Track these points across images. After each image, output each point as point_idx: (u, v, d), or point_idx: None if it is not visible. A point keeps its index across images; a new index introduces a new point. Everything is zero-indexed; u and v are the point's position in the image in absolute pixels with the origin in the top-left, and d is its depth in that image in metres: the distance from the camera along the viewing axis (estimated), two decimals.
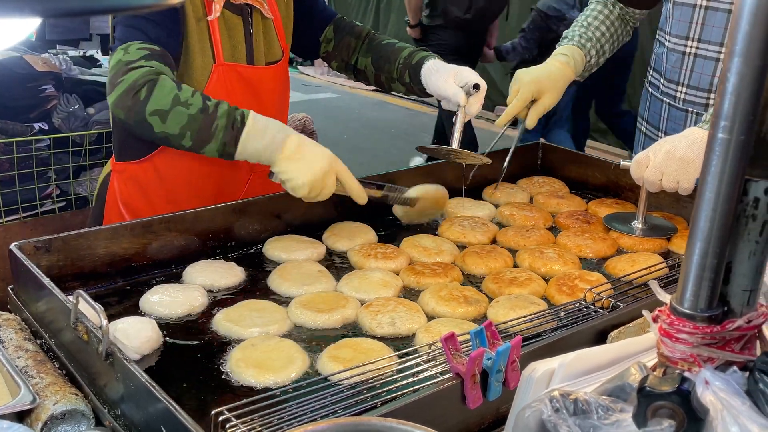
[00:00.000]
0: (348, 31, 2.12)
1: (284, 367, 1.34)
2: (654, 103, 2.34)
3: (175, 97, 1.61)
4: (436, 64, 1.94)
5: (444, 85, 1.89)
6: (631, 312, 1.38)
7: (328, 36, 2.12)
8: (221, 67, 1.83)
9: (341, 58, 2.15)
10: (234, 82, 1.86)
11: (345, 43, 2.12)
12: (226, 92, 1.84)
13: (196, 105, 1.61)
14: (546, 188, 2.29)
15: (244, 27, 1.88)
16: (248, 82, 1.89)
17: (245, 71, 1.88)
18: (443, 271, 1.71)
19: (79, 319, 1.27)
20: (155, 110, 1.61)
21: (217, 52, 1.82)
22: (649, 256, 1.77)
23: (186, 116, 1.61)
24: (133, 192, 1.95)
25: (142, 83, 1.62)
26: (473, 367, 1.13)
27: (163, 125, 1.62)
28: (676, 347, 0.76)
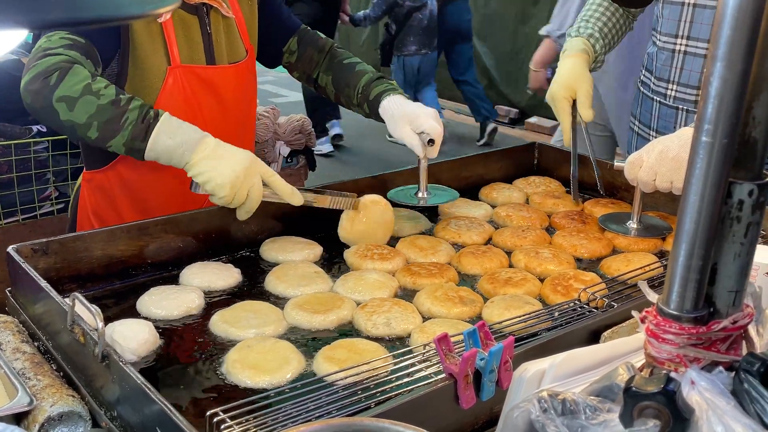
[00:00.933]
0: (311, 44, 2.11)
1: (280, 368, 1.34)
2: (645, 102, 2.35)
3: (86, 86, 1.57)
4: (391, 106, 1.92)
5: (401, 133, 1.88)
6: (624, 312, 1.39)
7: (292, 47, 2.10)
8: (177, 69, 1.80)
9: (303, 70, 2.14)
10: (193, 83, 1.83)
11: (307, 56, 2.11)
12: (183, 94, 1.81)
13: (107, 96, 1.57)
14: (542, 188, 2.29)
15: (201, 26, 1.84)
16: (208, 83, 1.86)
17: (204, 72, 1.85)
18: (439, 271, 1.71)
19: (75, 322, 1.28)
20: (63, 96, 1.56)
21: (172, 54, 1.79)
22: (644, 256, 1.78)
23: (95, 106, 1.56)
24: (101, 201, 1.93)
25: (53, 69, 1.58)
26: (466, 367, 1.13)
27: (69, 113, 1.57)
28: (662, 348, 0.77)
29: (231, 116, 1.93)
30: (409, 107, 1.90)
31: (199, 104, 1.85)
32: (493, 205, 2.19)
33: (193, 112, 1.84)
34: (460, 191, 2.24)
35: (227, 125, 1.92)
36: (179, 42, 1.80)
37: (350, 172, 6.05)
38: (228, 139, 1.90)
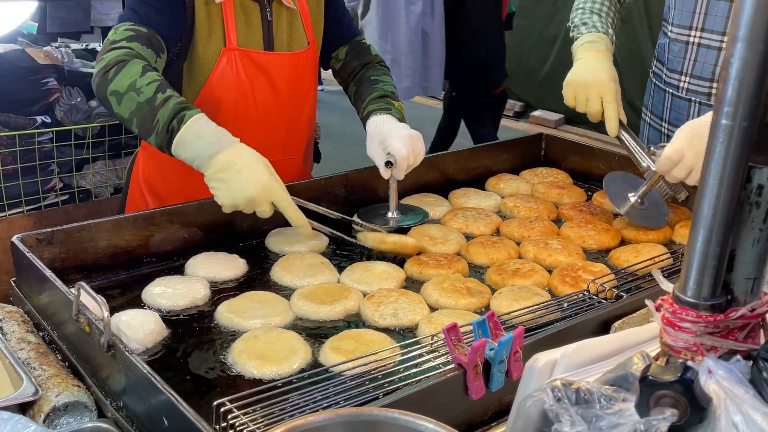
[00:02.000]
0: (358, 57, 2.12)
1: (286, 359, 1.33)
2: (657, 94, 2.33)
3: (132, 82, 1.61)
4: (372, 125, 1.91)
5: (371, 153, 1.87)
6: (634, 302, 1.38)
7: (340, 55, 2.12)
8: (232, 52, 1.83)
9: (342, 79, 2.15)
10: (247, 67, 1.85)
11: (350, 68, 2.12)
12: (236, 77, 1.84)
13: (146, 94, 1.60)
14: (549, 179, 2.28)
15: (262, 13, 1.87)
16: (263, 68, 1.88)
17: (259, 57, 1.87)
18: (447, 262, 1.70)
19: (81, 311, 1.27)
20: (113, 91, 1.62)
21: (228, 36, 1.82)
22: (653, 247, 1.76)
23: (135, 103, 1.60)
24: (154, 170, 1.97)
25: (113, 63, 1.64)
26: (475, 357, 1.12)
27: (118, 107, 1.63)
28: (678, 336, 0.76)
29: (284, 103, 1.95)
30: (386, 128, 1.86)
31: (252, 88, 1.87)
32: (500, 196, 2.17)
33: (244, 96, 1.86)
34: (467, 183, 2.23)
35: (279, 112, 1.95)
36: (238, 26, 1.83)
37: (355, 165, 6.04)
38: (280, 125, 1.97)
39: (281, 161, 1.95)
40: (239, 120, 1.87)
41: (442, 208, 2.05)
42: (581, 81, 1.98)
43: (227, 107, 1.85)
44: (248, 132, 1.79)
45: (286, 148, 2.03)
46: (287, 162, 2.02)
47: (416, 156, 1.83)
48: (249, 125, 1.88)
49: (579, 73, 1.99)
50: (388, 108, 1.94)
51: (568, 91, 2.01)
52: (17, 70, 2.56)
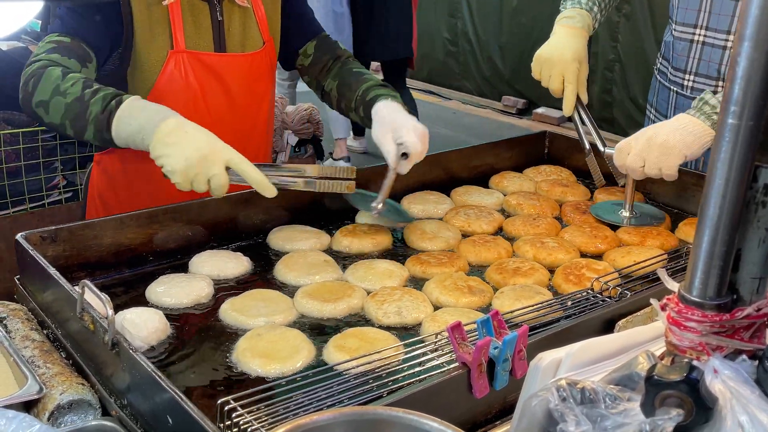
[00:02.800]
0: (328, 51, 2.06)
1: (290, 357, 1.33)
2: (662, 91, 2.33)
3: (55, 88, 1.57)
4: (383, 109, 1.84)
5: (382, 138, 1.80)
6: (639, 301, 1.38)
7: (308, 51, 2.05)
8: (180, 54, 1.77)
9: (314, 75, 2.07)
10: (196, 70, 1.80)
11: (322, 62, 2.05)
12: (184, 80, 1.79)
13: (73, 94, 1.56)
14: (553, 177, 2.27)
15: (211, 13, 1.81)
16: (213, 70, 1.83)
17: (209, 59, 1.82)
18: (449, 260, 1.70)
19: (85, 309, 1.27)
20: (39, 102, 1.60)
21: (176, 38, 1.76)
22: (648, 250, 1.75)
23: (63, 105, 1.57)
24: (105, 184, 1.93)
25: (30, 76, 1.62)
26: (480, 356, 1.12)
27: (47, 116, 1.60)
28: (684, 336, 0.76)
29: (239, 106, 1.90)
30: (400, 117, 1.80)
31: (203, 92, 1.82)
32: (503, 193, 2.17)
33: (194, 100, 1.81)
34: (470, 180, 2.23)
35: (234, 115, 1.89)
36: (186, 27, 1.78)
37: (357, 162, 6.04)
38: (235, 129, 1.89)
39: None
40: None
41: (445, 206, 2.05)
42: (547, 57, 2.02)
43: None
44: None
45: (245, 152, 1.90)
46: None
47: (422, 154, 1.81)
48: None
49: (546, 49, 2.04)
50: (394, 95, 1.89)
51: (535, 66, 2.06)
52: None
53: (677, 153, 1.77)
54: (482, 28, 8.05)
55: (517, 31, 7.66)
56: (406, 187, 2.10)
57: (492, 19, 7.92)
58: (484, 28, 8.03)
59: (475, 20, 8.12)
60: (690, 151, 1.78)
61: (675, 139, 1.77)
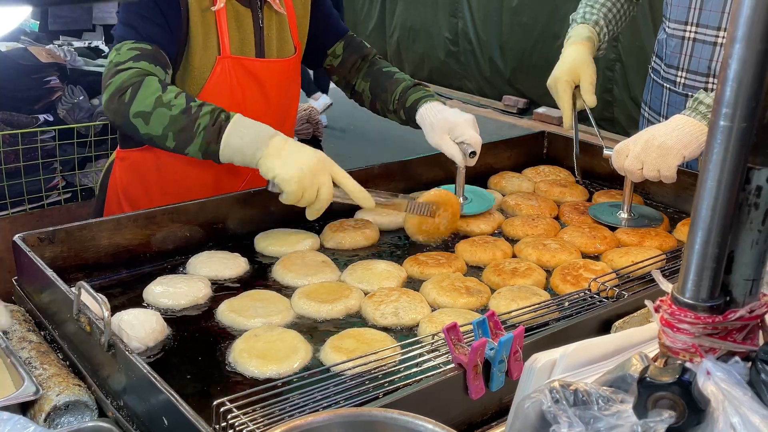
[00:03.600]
0: (356, 51, 2.11)
1: (287, 358, 1.33)
2: (656, 89, 2.34)
3: (157, 99, 1.61)
4: (429, 113, 1.91)
5: (440, 142, 1.88)
6: (636, 301, 1.37)
7: (337, 51, 2.10)
8: (226, 60, 1.81)
9: (343, 75, 2.13)
10: (240, 75, 1.84)
11: (350, 62, 2.11)
12: (229, 85, 1.82)
13: (178, 106, 1.60)
14: (551, 177, 2.27)
15: (254, 20, 1.86)
16: (254, 76, 1.87)
17: (252, 64, 1.86)
18: (447, 261, 1.70)
19: (81, 311, 1.27)
20: (138, 112, 1.62)
21: (223, 44, 1.80)
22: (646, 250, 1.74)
23: (168, 117, 1.60)
24: (133, 180, 1.95)
25: (127, 85, 1.63)
26: (475, 357, 1.12)
27: (146, 127, 1.62)
28: (677, 337, 0.76)
29: (273, 110, 1.94)
30: (448, 114, 1.88)
31: (244, 96, 1.86)
32: (502, 194, 2.17)
33: (237, 104, 1.84)
34: (468, 181, 2.22)
35: (269, 119, 1.88)
36: (231, 33, 1.81)
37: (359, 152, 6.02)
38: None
39: None
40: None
41: None
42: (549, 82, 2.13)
43: None
44: None
45: None
46: None
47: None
48: None
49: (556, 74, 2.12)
50: (431, 95, 1.97)
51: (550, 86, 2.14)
52: (20, 69, 2.57)
53: (675, 153, 1.77)
54: (483, 28, 8.04)
55: (517, 31, 7.65)
56: (404, 188, 2.10)
57: (493, 19, 7.91)
58: (484, 27, 8.02)
59: (475, 20, 8.11)
60: (688, 151, 1.78)
61: (672, 139, 1.78)
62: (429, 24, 8.70)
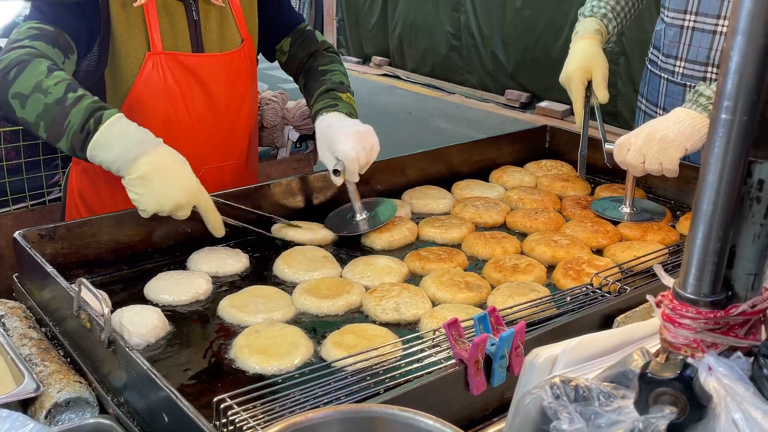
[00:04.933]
0: (303, 47, 2.02)
1: (288, 354, 1.33)
2: (653, 80, 2.33)
3: (38, 83, 1.51)
4: (321, 125, 1.82)
5: (323, 158, 1.80)
6: (638, 296, 1.37)
7: (284, 48, 2.03)
8: (157, 56, 1.74)
9: (291, 72, 2.07)
10: (175, 71, 1.76)
11: (296, 60, 2.03)
12: (163, 82, 1.75)
13: (54, 94, 1.50)
14: (554, 172, 2.26)
15: (187, 13, 1.77)
16: (192, 72, 1.79)
17: (188, 59, 1.78)
18: (448, 256, 1.69)
19: (81, 307, 1.27)
20: (16, 93, 1.53)
21: (153, 40, 1.72)
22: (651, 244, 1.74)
23: (42, 104, 1.51)
24: (86, 184, 1.90)
25: (15, 63, 1.54)
26: (476, 353, 1.12)
27: (22, 110, 1.53)
28: (678, 333, 0.75)
29: (220, 106, 1.86)
30: (332, 130, 1.78)
31: (182, 93, 1.79)
32: (504, 188, 2.16)
33: (174, 101, 1.78)
34: (471, 175, 2.22)
35: (215, 115, 1.87)
36: (162, 28, 1.74)
37: None
38: (217, 130, 1.87)
39: (222, 167, 1.90)
40: (170, 127, 1.77)
41: (446, 200, 2.05)
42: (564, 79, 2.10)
43: (156, 114, 1.76)
44: (182, 139, 1.72)
45: (226, 153, 1.93)
46: (229, 168, 1.94)
47: (368, 153, 1.76)
48: (181, 132, 1.80)
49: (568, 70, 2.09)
50: (335, 104, 1.85)
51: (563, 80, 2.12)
52: None
53: (677, 146, 1.76)
54: (485, 22, 8.02)
55: (520, 25, 7.63)
56: (406, 183, 2.10)
57: (495, 13, 7.89)
58: (487, 22, 8.00)
59: (478, 14, 8.09)
60: (690, 144, 1.77)
61: (674, 132, 1.77)
62: (431, 19, 8.67)
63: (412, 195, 2.05)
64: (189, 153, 1.59)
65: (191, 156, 1.61)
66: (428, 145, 1.94)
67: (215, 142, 1.89)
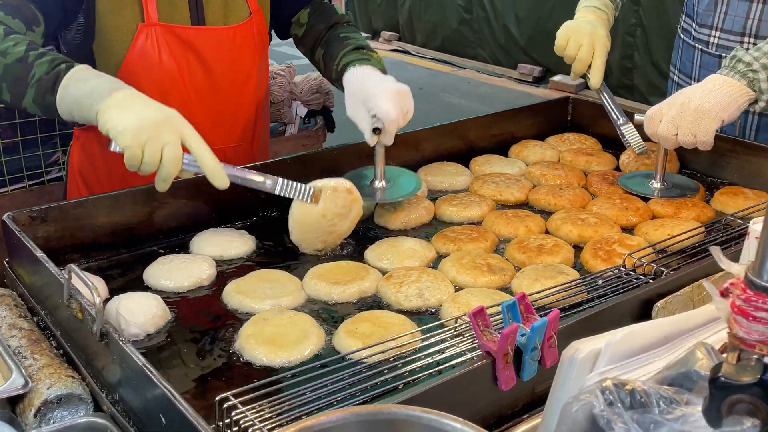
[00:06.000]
0: (322, 19, 1.86)
1: (298, 344, 1.23)
2: (686, 51, 2.20)
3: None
4: (352, 78, 1.64)
5: (354, 114, 1.61)
6: (677, 279, 1.25)
7: (302, 20, 1.86)
8: (151, 28, 1.61)
9: (307, 46, 1.89)
10: (171, 45, 1.64)
11: (315, 32, 1.87)
12: (157, 57, 1.63)
13: (14, 54, 1.41)
14: (577, 146, 2.14)
15: None
16: (191, 46, 1.66)
17: (185, 32, 1.64)
18: (479, 235, 1.58)
19: (72, 296, 1.17)
20: None
21: (146, 10, 1.60)
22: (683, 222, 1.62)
23: (2, 66, 1.41)
24: (84, 160, 1.80)
25: None
26: (506, 344, 1.01)
27: None
28: (753, 327, 0.64)
29: (222, 84, 1.74)
30: (369, 82, 1.60)
31: (180, 70, 1.67)
32: (525, 163, 2.05)
33: (171, 78, 1.66)
34: (489, 150, 2.10)
35: (217, 94, 1.74)
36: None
37: None
38: (218, 110, 1.75)
39: (223, 150, 1.75)
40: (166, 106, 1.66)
41: (464, 177, 1.93)
42: (576, 27, 1.97)
43: (150, 92, 1.60)
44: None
45: (229, 134, 1.80)
46: (231, 150, 1.80)
47: (405, 116, 1.61)
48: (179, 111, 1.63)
49: (574, 22, 1.99)
50: (367, 58, 1.70)
51: (562, 33, 1.98)
52: None
53: (714, 117, 1.64)
54: None
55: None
56: (421, 158, 1.99)
57: None
58: None
59: None
60: (727, 114, 1.65)
61: (710, 102, 1.64)
62: None
63: (427, 172, 1.94)
64: None
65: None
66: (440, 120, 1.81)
67: (217, 122, 1.78)
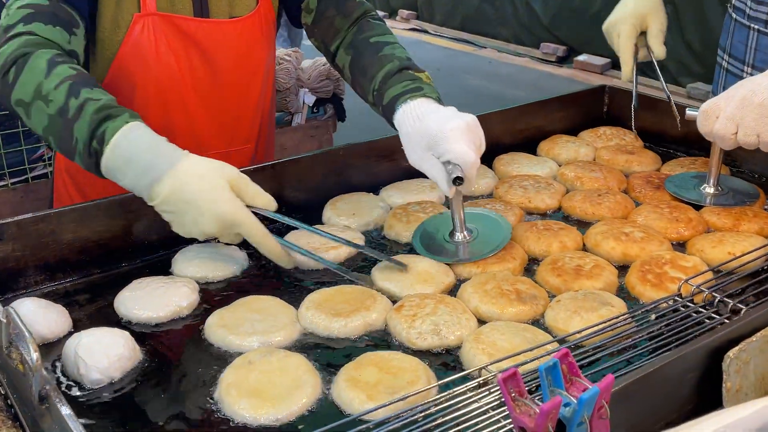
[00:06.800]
0: (336, 6, 1.62)
1: (288, 396, 1.03)
2: (739, 31, 1.94)
3: (38, 87, 1.26)
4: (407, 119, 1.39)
5: (421, 163, 1.37)
6: (753, 320, 1.02)
7: (311, 4, 1.63)
8: (149, 18, 1.45)
9: (321, 38, 1.65)
10: (170, 38, 1.48)
11: (328, 22, 1.63)
12: (154, 51, 1.46)
13: (56, 102, 1.25)
14: (614, 142, 1.91)
15: None
16: (193, 39, 1.51)
17: (186, 24, 1.49)
18: (506, 253, 1.35)
19: (13, 343, 0.96)
20: (18, 100, 1.29)
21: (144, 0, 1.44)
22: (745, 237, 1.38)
23: (46, 117, 1.26)
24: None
25: (11, 61, 1.29)
26: (546, 422, 0.79)
27: (29, 121, 1.30)
28: None
29: (226, 82, 1.57)
30: (432, 124, 1.34)
31: (179, 64, 1.50)
32: (557, 163, 1.82)
33: (170, 74, 1.49)
34: (515, 147, 1.88)
35: (221, 93, 1.57)
36: None
37: None
38: (223, 110, 1.59)
39: (227, 154, 1.59)
40: (165, 104, 1.51)
41: (487, 179, 1.70)
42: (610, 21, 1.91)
43: (146, 88, 1.48)
44: (179, 120, 1.51)
45: (233, 137, 1.65)
46: (235, 154, 1.63)
47: (479, 150, 1.36)
48: (179, 112, 1.53)
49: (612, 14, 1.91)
50: (418, 88, 1.43)
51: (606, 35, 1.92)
52: None
53: None
54: None
55: None
56: None
57: None
58: None
59: None
60: None
61: None
62: None
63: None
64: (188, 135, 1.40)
65: (190, 139, 1.39)
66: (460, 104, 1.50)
67: (220, 124, 1.61)
